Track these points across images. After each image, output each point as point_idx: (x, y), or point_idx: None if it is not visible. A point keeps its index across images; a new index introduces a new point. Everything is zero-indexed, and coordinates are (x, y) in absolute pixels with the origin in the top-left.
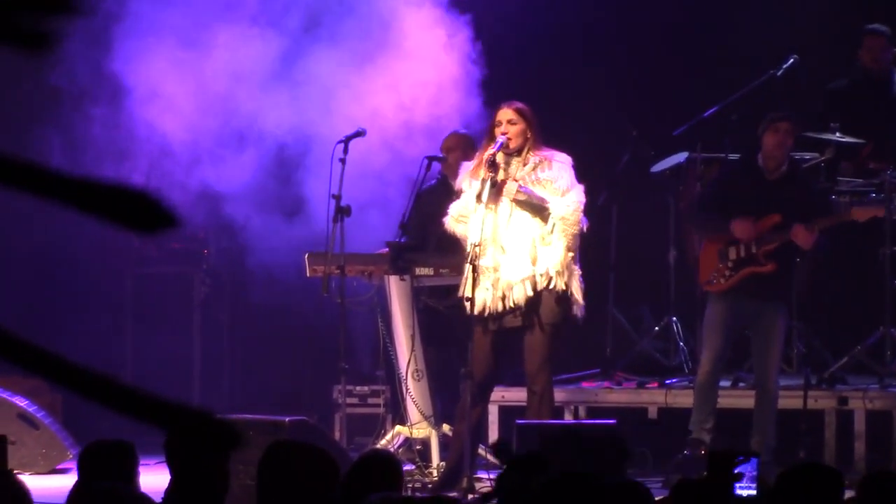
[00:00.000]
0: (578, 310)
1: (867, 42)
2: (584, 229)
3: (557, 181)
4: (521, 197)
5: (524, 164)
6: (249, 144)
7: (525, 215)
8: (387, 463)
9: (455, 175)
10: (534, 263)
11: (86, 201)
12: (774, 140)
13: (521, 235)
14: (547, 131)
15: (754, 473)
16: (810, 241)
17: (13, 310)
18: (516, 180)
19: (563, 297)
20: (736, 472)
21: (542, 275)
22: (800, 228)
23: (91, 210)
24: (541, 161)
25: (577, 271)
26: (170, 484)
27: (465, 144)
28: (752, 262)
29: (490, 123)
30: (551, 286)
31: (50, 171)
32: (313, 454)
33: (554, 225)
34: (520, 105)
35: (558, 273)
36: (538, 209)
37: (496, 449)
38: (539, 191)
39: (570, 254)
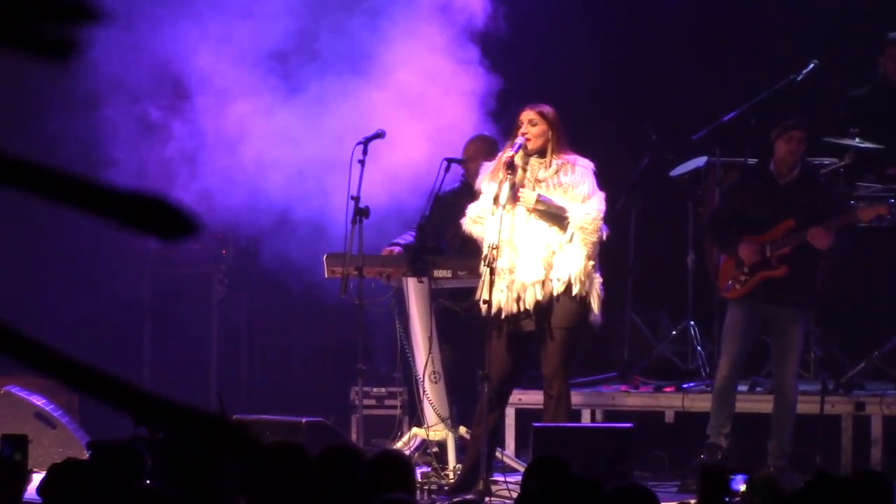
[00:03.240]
0: (594, 317)
1: (890, 51)
2: (604, 237)
3: (579, 186)
4: (541, 207)
5: (546, 167)
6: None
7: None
8: (399, 463)
9: (477, 178)
10: (547, 268)
11: (106, 208)
12: (787, 148)
13: (536, 239)
14: (567, 135)
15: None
16: (827, 241)
17: (31, 311)
18: (541, 180)
19: (583, 303)
20: (732, 489)
21: (559, 279)
22: (817, 230)
23: (111, 217)
24: (563, 164)
25: (597, 279)
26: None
27: (488, 148)
28: (766, 267)
29: (513, 125)
30: (570, 292)
31: (70, 177)
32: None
33: (573, 235)
34: (543, 107)
35: (580, 281)
36: (557, 218)
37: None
38: (559, 195)
39: (591, 262)
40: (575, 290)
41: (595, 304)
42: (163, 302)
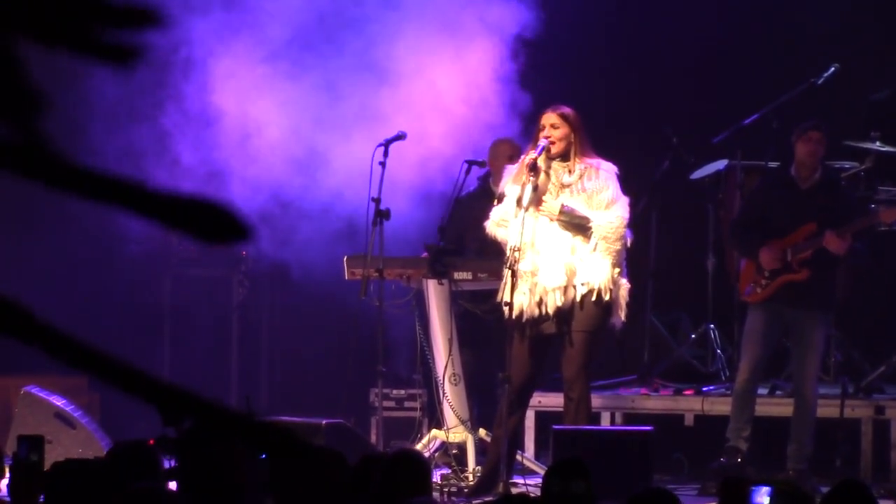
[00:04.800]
0: (618, 320)
1: None
2: (629, 243)
3: (602, 192)
4: (564, 218)
5: (570, 172)
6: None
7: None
8: (415, 462)
9: (500, 181)
10: (570, 274)
11: (159, 212)
12: (806, 149)
13: (559, 243)
14: (589, 137)
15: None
16: (843, 247)
17: (52, 309)
18: (566, 185)
19: (606, 307)
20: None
21: (583, 284)
22: (831, 235)
23: (163, 220)
24: (587, 168)
25: (624, 285)
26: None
27: (511, 151)
28: (788, 271)
29: (536, 128)
30: (594, 299)
31: (120, 180)
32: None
33: (596, 244)
34: (565, 110)
35: (609, 290)
36: (581, 228)
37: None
38: (583, 202)
39: (617, 269)
40: (601, 298)
41: (622, 311)
42: (183, 303)
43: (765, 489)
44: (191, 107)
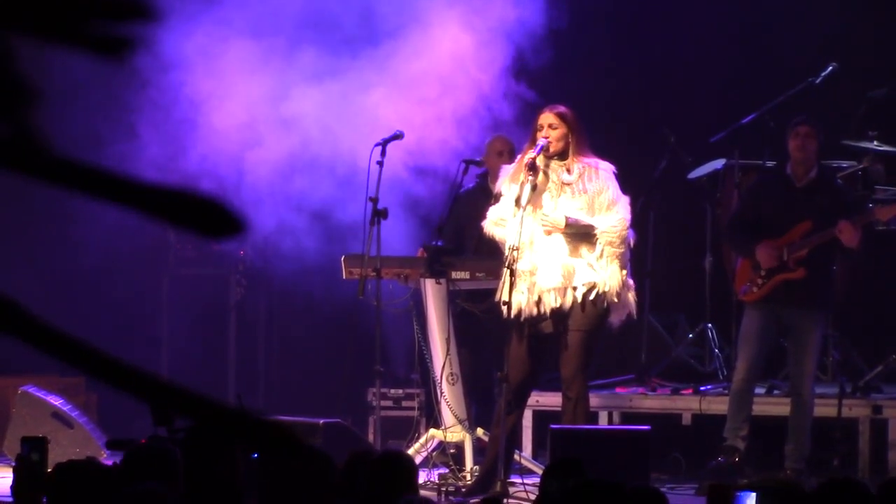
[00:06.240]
0: (616, 318)
1: None
2: (632, 244)
3: (603, 193)
4: (570, 230)
5: (568, 171)
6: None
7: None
8: (401, 462)
9: (496, 179)
10: (567, 276)
11: (154, 206)
12: (794, 144)
13: (557, 242)
14: (586, 135)
15: None
16: (855, 238)
17: (49, 309)
18: (566, 184)
19: (605, 307)
20: None
21: (584, 284)
22: (845, 224)
23: (158, 215)
24: (585, 168)
25: (631, 285)
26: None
27: (506, 148)
28: (784, 269)
29: (532, 127)
30: (592, 298)
31: (117, 175)
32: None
33: (602, 251)
34: (562, 109)
35: (616, 292)
36: (586, 236)
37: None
38: (585, 203)
39: (624, 271)
40: (599, 298)
41: (633, 310)
42: (181, 303)
43: (752, 495)
44: (169, 97)
